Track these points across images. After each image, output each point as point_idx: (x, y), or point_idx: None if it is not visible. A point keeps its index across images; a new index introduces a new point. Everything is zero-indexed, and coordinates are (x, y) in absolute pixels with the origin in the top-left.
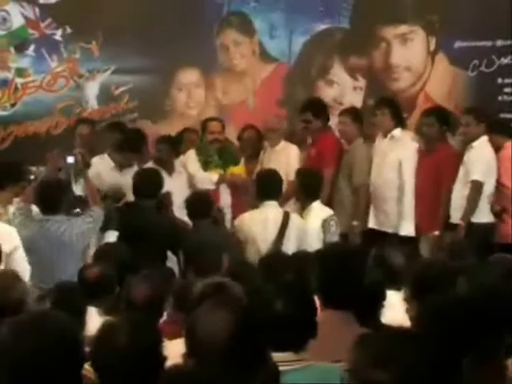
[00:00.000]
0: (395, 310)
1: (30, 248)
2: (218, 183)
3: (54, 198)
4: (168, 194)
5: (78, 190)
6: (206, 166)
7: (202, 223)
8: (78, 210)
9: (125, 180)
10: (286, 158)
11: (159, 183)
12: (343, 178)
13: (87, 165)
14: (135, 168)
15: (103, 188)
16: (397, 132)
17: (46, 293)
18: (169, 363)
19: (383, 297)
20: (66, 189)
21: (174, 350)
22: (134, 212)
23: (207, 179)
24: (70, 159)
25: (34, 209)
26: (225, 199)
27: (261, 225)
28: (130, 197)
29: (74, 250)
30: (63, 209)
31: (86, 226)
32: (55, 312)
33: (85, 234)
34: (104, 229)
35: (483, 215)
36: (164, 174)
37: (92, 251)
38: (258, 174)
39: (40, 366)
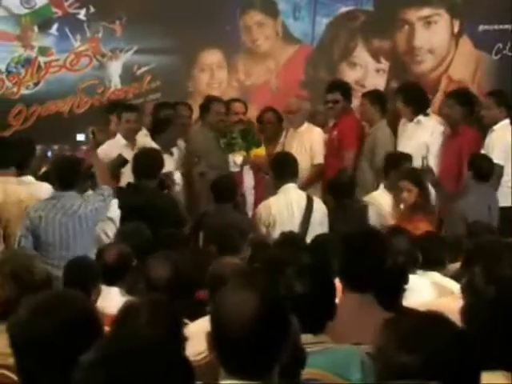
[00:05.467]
0: (418, 293)
1: (46, 227)
2: (242, 165)
3: (70, 174)
4: (170, 174)
5: None
6: (229, 148)
7: (225, 207)
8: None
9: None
10: (309, 141)
11: (160, 163)
12: (366, 160)
13: (98, 143)
14: None
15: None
16: (422, 116)
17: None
18: (193, 341)
19: (405, 280)
20: (81, 165)
21: (198, 329)
22: (135, 192)
23: (231, 162)
24: (80, 136)
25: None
26: (248, 181)
27: (286, 208)
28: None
29: (89, 225)
30: (78, 185)
31: (98, 202)
32: (71, 291)
33: (98, 211)
34: None
35: (504, 199)
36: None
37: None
38: (275, 158)
39: (58, 345)
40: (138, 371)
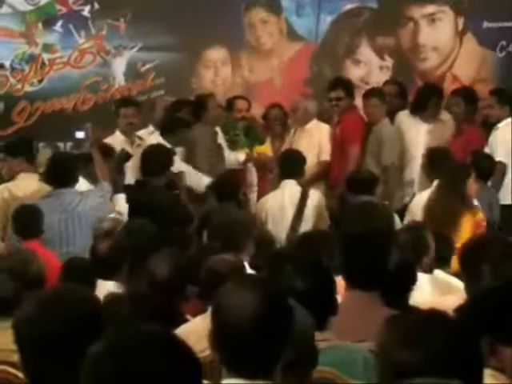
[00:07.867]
0: (423, 291)
1: (45, 224)
2: (245, 163)
3: (67, 172)
4: (180, 174)
5: None
6: (232, 145)
7: (227, 205)
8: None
9: None
10: (318, 138)
11: (168, 160)
12: (371, 157)
13: (98, 140)
14: None
15: None
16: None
17: None
18: (195, 338)
19: (413, 279)
20: (78, 162)
21: (200, 325)
22: (142, 190)
23: (234, 159)
24: (80, 134)
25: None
26: (251, 178)
27: (278, 204)
28: None
29: (88, 222)
30: (75, 182)
31: (98, 200)
32: (77, 287)
33: (97, 208)
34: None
35: (508, 197)
36: None
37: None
38: (282, 154)
39: (64, 340)
40: (146, 364)
